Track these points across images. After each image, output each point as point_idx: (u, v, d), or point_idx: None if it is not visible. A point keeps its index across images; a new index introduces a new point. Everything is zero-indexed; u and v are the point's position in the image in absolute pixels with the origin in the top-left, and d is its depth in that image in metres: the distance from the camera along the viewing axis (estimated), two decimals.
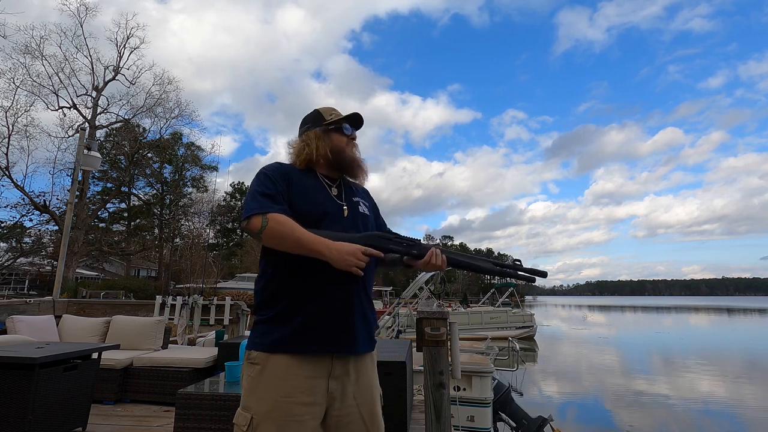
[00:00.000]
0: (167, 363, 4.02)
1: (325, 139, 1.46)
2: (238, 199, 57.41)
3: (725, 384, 11.56)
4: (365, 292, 1.39)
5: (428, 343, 2.14)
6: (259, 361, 1.27)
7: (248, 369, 1.29)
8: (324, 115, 1.50)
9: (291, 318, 1.29)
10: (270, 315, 1.30)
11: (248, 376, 1.28)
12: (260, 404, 1.23)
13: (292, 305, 1.29)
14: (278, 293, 1.31)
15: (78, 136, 19.71)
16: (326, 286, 1.31)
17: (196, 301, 5.56)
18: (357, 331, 1.34)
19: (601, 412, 8.92)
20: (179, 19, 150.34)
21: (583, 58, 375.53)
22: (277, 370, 1.25)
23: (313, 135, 1.46)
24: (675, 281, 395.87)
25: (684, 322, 37.90)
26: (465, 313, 21.40)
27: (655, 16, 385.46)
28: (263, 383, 1.25)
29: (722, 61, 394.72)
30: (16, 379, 2.61)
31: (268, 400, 1.23)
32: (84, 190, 23.82)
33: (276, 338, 1.28)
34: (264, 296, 1.34)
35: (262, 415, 1.22)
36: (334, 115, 1.50)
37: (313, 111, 1.53)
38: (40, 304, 5.16)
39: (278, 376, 1.24)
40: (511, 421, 5.25)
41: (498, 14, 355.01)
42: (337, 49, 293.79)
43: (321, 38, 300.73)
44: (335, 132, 1.48)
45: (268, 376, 1.25)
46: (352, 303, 1.34)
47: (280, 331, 1.28)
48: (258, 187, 1.34)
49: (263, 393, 1.24)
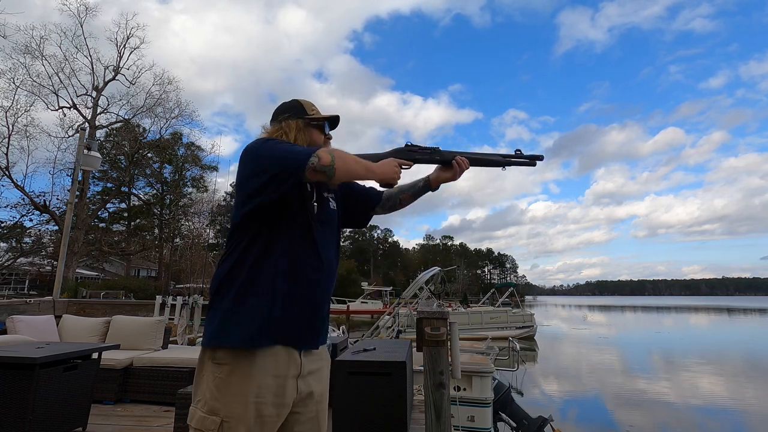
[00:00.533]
0: (167, 363, 4.02)
1: (305, 132, 1.42)
2: None
3: (725, 383, 11.56)
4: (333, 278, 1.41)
5: (428, 343, 2.14)
6: (228, 361, 1.19)
7: (214, 369, 1.20)
8: (306, 108, 1.45)
9: (271, 307, 1.22)
10: (245, 304, 1.21)
11: (215, 377, 1.19)
12: (230, 407, 1.17)
13: (272, 292, 1.22)
14: (254, 278, 1.23)
15: (78, 136, 19.70)
16: (307, 272, 1.28)
17: (196, 301, 5.56)
18: (326, 321, 1.36)
19: (602, 411, 8.92)
20: (181, 19, 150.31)
21: (584, 58, 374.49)
22: (246, 370, 1.18)
23: (294, 125, 1.40)
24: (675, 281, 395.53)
25: (684, 322, 37.91)
26: (465, 313, 21.40)
27: (656, 16, 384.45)
28: (233, 385, 1.18)
29: (723, 62, 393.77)
30: (16, 379, 2.61)
31: (240, 402, 1.17)
32: (84, 190, 23.82)
33: (254, 332, 1.20)
34: (234, 281, 1.24)
35: (233, 418, 1.16)
36: (315, 111, 1.47)
37: (293, 101, 1.47)
38: (40, 304, 5.16)
39: (248, 376, 1.18)
40: (511, 421, 5.25)
41: (500, 14, 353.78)
42: (338, 50, 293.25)
43: (322, 38, 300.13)
44: (315, 128, 1.45)
45: (237, 377, 1.18)
46: (328, 289, 1.35)
47: (258, 322, 1.20)
48: (280, 143, 1.30)
49: (233, 395, 1.17)
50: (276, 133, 1.39)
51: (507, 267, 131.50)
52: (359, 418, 2.69)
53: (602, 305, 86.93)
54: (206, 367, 1.23)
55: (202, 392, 1.21)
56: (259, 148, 1.28)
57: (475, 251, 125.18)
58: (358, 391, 2.71)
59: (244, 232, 1.28)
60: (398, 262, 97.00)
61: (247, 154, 1.29)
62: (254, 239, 1.27)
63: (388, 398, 2.74)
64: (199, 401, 1.21)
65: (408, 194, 1.61)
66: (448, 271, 19.99)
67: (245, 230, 1.28)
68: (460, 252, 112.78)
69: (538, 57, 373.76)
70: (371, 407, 2.72)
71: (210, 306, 1.28)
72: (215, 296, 1.26)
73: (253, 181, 1.24)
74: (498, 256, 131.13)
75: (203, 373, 1.23)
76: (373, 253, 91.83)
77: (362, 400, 2.70)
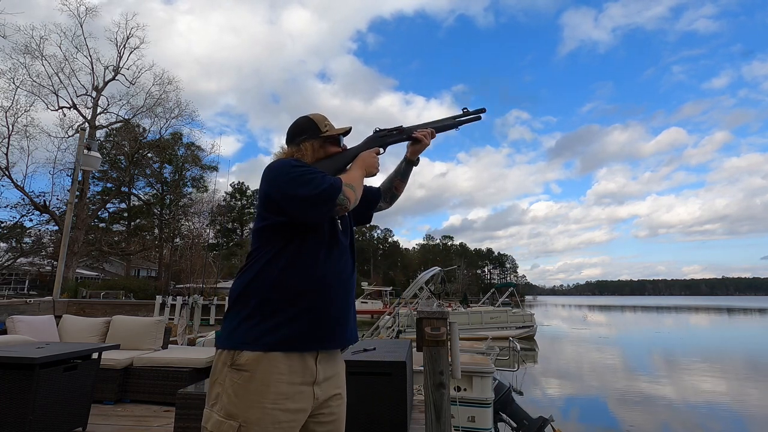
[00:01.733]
0: (167, 363, 4.02)
1: (321, 149, 1.49)
2: (239, 199, 57.47)
3: (725, 383, 11.56)
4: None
5: (428, 343, 2.14)
6: (247, 368, 1.22)
7: (232, 375, 1.22)
8: (319, 125, 1.51)
9: (290, 315, 1.26)
10: (265, 311, 1.26)
11: (233, 382, 1.22)
12: (248, 412, 1.19)
13: (291, 300, 1.27)
14: (275, 286, 1.28)
15: (78, 136, 19.72)
16: (327, 277, 1.33)
17: (196, 301, 5.57)
18: (347, 326, 1.38)
19: (602, 411, 8.92)
20: (186, 20, 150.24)
21: (588, 59, 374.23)
22: (265, 376, 1.21)
23: (309, 146, 1.47)
24: (675, 281, 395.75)
25: (683, 321, 37.91)
26: (465, 313, 21.39)
27: (660, 16, 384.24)
28: (251, 391, 1.20)
29: (726, 62, 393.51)
30: (16, 379, 2.61)
31: (257, 408, 1.19)
32: (84, 190, 23.81)
33: (272, 339, 1.24)
34: (255, 289, 1.28)
35: (251, 423, 1.18)
36: (328, 125, 1.53)
37: (306, 119, 1.52)
38: (40, 304, 5.16)
39: (266, 383, 1.21)
40: (512, 421, 5.24)
41: (503, 15, 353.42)
42: (342, 50, 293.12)
43: (326, 39, 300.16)
44: (330, 144, 1.51)
45: (256, 383, 1.21)
46: (348, 296, 1.39)
47: (277, 329, 1.24)
48: (299, 164, 1.35)
49: (251, 401, 1.20)
50: (294, 155, 1.46)
51: (507, 267, 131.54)
52: (359, 418, 2.69)
53: (602, 305, 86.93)
54: (224, 371, 1.24)
55: (218, 396, 1.23)
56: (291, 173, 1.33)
57: (475, 251, 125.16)
58: (358, 391, 2.70)
59: (267, 242, 1.33)
60: (398, 262, 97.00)
61: (276, 171, 1.34)
62: (277, 249, 1.31)
63: (388, 398, 2.74)
64: (214, 404, 1.23)
65: (398, 179, 1.70)
66: (448, 271, 20.00)
67: (267, 240, 1.33)
68: (459, 252, 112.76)
69: (541, 58, 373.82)
70: (371, 407, 2.72)
71: (229, 310, 1.31)
72: (236, 302, 1.30)
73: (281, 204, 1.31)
74: (498, 256, 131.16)
75: (220, 377, 1.25)
76: (373, 253, 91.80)
77: (362, 400, 2.70)
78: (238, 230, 55.27)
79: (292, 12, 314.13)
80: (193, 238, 33.47)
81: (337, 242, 1.39)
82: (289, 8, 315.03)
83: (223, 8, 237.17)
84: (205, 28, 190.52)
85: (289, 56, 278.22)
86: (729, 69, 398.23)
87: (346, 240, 1.46)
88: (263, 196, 1.35)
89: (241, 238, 52.37)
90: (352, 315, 1.41)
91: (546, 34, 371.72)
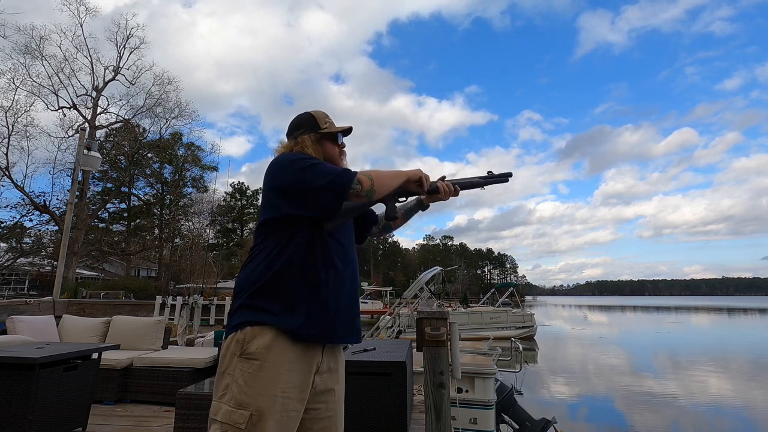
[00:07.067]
0: (167, 363, 4.02)
1: (319, 145, 1.48)
2: (239, 199, 57.41)
3: (725, 382, 11.55)
4: None
5: (428, 343, 2.13)
6: (257, 357, 1.23)
7: (242, 364, 1.23)
8: (319, 121, 1.50)
9: (297, 305, 1.28)
10: (272, 301, 1.27)
11: (243, 372, 1.22)
12: (259, 400, 1.20)
13: (298, 291, 1.29)
14: (281, 276, 1.28)
15: (78, 137, 19.72)
16: (335, 270, 1.34)
17: (196, 301, 5.56)
18: (351, 319, 1.39)
19: (604, 412, 8.91)
20: (207, 22, 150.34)
21: (602, 60, 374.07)
22: (275, 365, 1.23)
23: (308, 139, 1.46)
24: (675, 281, 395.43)
25: (683, 321, 37.89)
26: (465, 313, 21.37)
27: (676, 19, 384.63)
28: (261, 379, 1.21)
29: (740, 63, 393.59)
30: (16, 380, 2.61)
31: (268, 396, 1.20)
32: (84, 190, 23.81)
33: (289, 326, 1.26)
34: (260, 280, 1.29)
35: (262, 411, 1.19)
36: (329, 122, 1.52)
37: (306, 114, 1.52)
38: (40, 304, 5.16)
39: (276, 372, 1.22)
40: (514, 423, 5.22)
41: (520, 18, 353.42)
42: (357, 52, 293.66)
43: (344, 41, 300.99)
44: (329, 140, 1.50)
45: (266, 372, 1.22)
46: (353, 288, 1.41)
47: (293, 318, 1.26)
48: (313, 160, 1.35)
49: (262, 389, 1.21)
50: (293, 148, 1.45)
51: (507, 267, 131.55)
52: (359, 418, 2.69)
53: (601, 305, 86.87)
54: (233, 362, 1.25)
55: (228, 387, 1.23)
56: (300, 164, 1.33)
57: (475, 251, 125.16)
58: (358, 391, 2.71)
59: (272, 234, 1.34)
60: (398, 262, 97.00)
61: (285, 162, 1.35)
62: (282, 240, 1.32)
63: (388, 398, 2.74)
64: (223, 395, 1.23)
65: (400, 212, 1.68)
66: (448, 271, 19.99)
67: (273, 231, 1.34)
68: (459, 252, 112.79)
69: (557, 60, 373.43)
70: (371, 407, 2.72)
71: (235, 300, 1.32)
72: (240, 292, 1.31)
73: (292, 195, 1.32)
74: (498, 256, 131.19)
75: (229, 368, 1.25)
76: (372, 253, 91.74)
77: (362, 400, 2.70)
78: (238, 230, 55.22)
79: (311, 15, 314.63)
80: (193, 238, 33.48)
81: (342, 238, 1.41)
82: (308, 11, 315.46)
83: (244, 11, 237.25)
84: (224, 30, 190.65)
85: (305, 58, 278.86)
86: (742, 70, 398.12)
87: (351, 237, 1.49)
88: (271, 188, 1.35)
89: (241, 238, 52.30)
90: (357, 311, 1.42)
91: (563, 36, 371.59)
